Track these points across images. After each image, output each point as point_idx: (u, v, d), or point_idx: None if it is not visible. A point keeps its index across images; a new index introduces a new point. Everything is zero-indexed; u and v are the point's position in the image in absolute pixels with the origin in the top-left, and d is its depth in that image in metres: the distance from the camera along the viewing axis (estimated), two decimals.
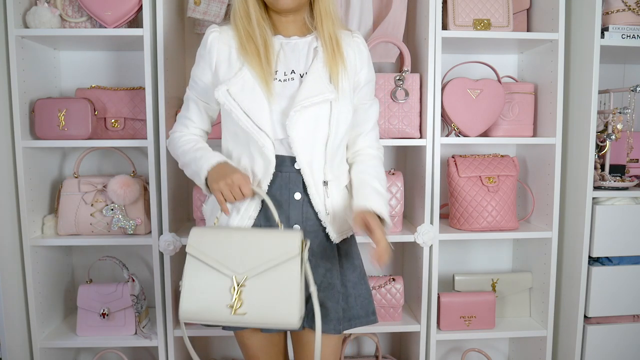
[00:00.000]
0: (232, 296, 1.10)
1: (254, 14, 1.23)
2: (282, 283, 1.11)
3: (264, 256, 1.12)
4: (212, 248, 1.14)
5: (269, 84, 1.20)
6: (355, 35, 1.32)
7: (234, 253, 1.13)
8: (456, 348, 2.21)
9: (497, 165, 1.90)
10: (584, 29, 1.79)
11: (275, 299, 1.10)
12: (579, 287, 1.84)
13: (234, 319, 1.10)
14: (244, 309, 1.10)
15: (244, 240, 1.14)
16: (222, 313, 1.10)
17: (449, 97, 1.82)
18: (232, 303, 1.10)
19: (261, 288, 1.11)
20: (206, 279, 1.13)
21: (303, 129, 1.20)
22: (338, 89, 1.23)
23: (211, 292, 1.11)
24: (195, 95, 1.32)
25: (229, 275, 1.12)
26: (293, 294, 1.11)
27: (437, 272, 1.85)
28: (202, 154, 1.25)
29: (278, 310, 1.10)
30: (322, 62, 1.23)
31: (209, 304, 1.11)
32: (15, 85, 1.70)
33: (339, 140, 1.25)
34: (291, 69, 1.24)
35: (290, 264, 1.12)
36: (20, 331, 1.78)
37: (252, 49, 1.21)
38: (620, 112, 1.83)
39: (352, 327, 1.29)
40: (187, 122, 1.33)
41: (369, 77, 1.32)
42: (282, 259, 1.12)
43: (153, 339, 1.82)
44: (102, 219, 1.82)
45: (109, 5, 1.70)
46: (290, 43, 1.27)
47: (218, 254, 1.13)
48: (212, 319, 1.12)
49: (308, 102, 1.19)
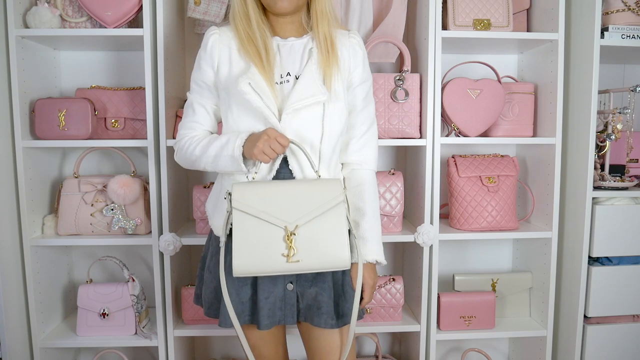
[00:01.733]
0: (286, 245, 1.14)
1: (254, 16, 1.24)
2: (331, 227, 1.16)
3: (312, 204, 1.16)
4: (258, 201, 1.16)
5: (272, 86, 1.21)
6: (351, 35, 1.31)
7: (281, 203, 1.16)
8: (456, 348, 2.21)
9: (497, 165, 1.90)
10: (584, 29, 1.79)
11: (327, 243, 1.16)
12: (578, 287, 1.84)
13: (289, 266, 1.14)
14: (298, 256, 1.14)
15: (288, 191, 1.18)
16: (277, 262, 1.14)
17: (449, 97, 1.82)
18: (286, 252, 1.14)
19: (313, 235, 1.15)
20: (258, 232, 1.15)
21: (296, 130, 1.21)
22: (331, 90, 1.23)
23: (265, 244, 1.14)
24: (200, 99, 1.31)
25: (281, 226, 1.15)
26: (342, 236, 1.17)
27: (437, 272, 1.85)
28: (224, 140, 1.23)
29: (331, 253, 1.16)
30: (316, 63, 1.24)
31: (263, 256, 1.14)
32: (16, 85, 1.70)
33: (334, 140, 1.26)
34: (287, 71, 1.25)
35: (337, 209, 1.18)
36: (20, 331, 1.78)
37: (254, 51, 1.22)
38: (620, 112, 1.83)
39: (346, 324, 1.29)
40: (195, 125, 1.32)
41: (364, 78, 1.32)
42: (330, 204, 1.17)
43: (153, 339, 1.82)
44: (102, 219, 1.82)
45: (109, 5, 1.70)
46: (287, 45, 1.27)
47: (266, 205, 1.16)
48: (267, 269, 1.15)
49: (300, 105, 1.20)
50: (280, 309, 1.26)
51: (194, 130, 1.32)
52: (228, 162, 1.22)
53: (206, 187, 1.83)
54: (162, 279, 1.79)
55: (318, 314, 1.26)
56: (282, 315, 1.26)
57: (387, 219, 1.84)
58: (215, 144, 1.24)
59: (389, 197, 1.82)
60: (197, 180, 2.05)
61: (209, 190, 1.82)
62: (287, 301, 1.26)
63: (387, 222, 1.84)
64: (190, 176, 2.06)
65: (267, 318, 1.24)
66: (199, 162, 1.29)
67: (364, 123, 1.33)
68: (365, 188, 1.31)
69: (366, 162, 1.33)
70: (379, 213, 1.34)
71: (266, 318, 1.24)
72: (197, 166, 1.30)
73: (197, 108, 1.32)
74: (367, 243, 1.28)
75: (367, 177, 1.33)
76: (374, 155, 1.35)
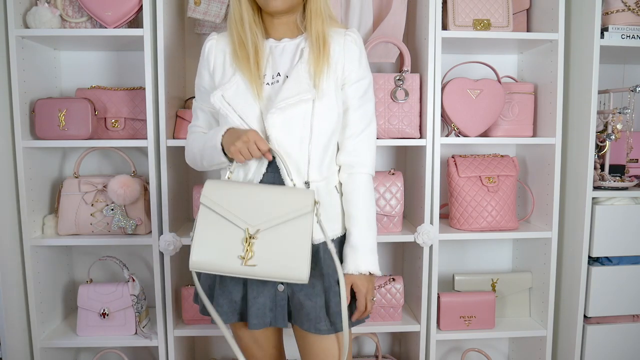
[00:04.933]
0: (243, 247, 1.13)
1: (247, 17, 1.24)
2: (293, 238, 1.14)
3: (277, 210, 1.15)
4: (225, 200, 1.16)
5: (258, 88, 1.22)
6: (348, 32, 1.28)
7: (247, 206, 1.15)
8: (456, 348, 2.21)
9: (497, 165, 1.90)
10: (584, 29, 1.79)
11: (286, 252, 1.13)
12: (578, 287, 1.84)
13: (244, 270, 1.12)
14: (255, 260, 1.12)
15: (258, 194, 1.17)
16: (233, 264, 1.12)
17: (449, 97, 1.82)
18: (243, 254, 1.12)
19: (273, 241, 1.13)
20: (218, 230, 1.15)
21: (281, 130, 1.21)
22: (319, 88, 1.22)
23: (223, 243, 1.14)
24: (202, 104, 1.35)
25: (242, 227, 1.14)
26: (304, 249, 1.14)
27: (437, 272, 1.85)
28: (213, 132, 1.26)
29: (288, 264, 1.13)
30: (306, 62, 1.24)
31: (219, 254, 1.13)
32: (16, 85, 1.70)
33: (325, 140, 1.24)
34: (277, 71, 1.26)
35: (302, 220, 1.15)
36: (20, 331, 1.78)
37: (244, 55, 1.24)
38: (620, 112, 1.83)
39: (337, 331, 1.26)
40: (197, 129, 1.36)
41: (360, 76, 1.28)
42: (296, 214, 1.15)
43: (153, 339, 1.82)
44: (102, 219, 1.82)
45: (109, 6, 1.70)
46: (279, 46, 1.28)
47: (231, 205, 1.15)
48: (222, 269, 1.14)
49: (284, 104, 1.19)
50: (271, 310, 1.25)
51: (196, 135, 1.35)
52: (213, 153, 1.24)
53: None
54: (162, 279, 1.79)
55: (307, 319, 1.23)
56: (272, 317, 1.25)
57: (387, 219, 1.84)
58: (204, 137, 1.28)
59: (389, 197, 1.82)
60: (197, 180, 2.05)
61: None
62: (278, 302, 1.25)
63: (387, 222, 1.84)
64: (190, 176, 2.06)
65: (255, 318, 1.23)
66: (201, 160, 1.31)
67: (360, 122, 1.28)
68: (358, 195, 1.27)
69: (361, 163, 1.28)
70: (374, 220, 1.29)
71: (255, 318, 1.23)
72: (200, 163, 1.32)
73: (199, 113, 1.36)
74: (358, 253, 1.25)
75: (361, 183, 1.28)
76: (371, 156, 1.30)
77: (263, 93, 1.23)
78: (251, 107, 1.22)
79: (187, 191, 2.02)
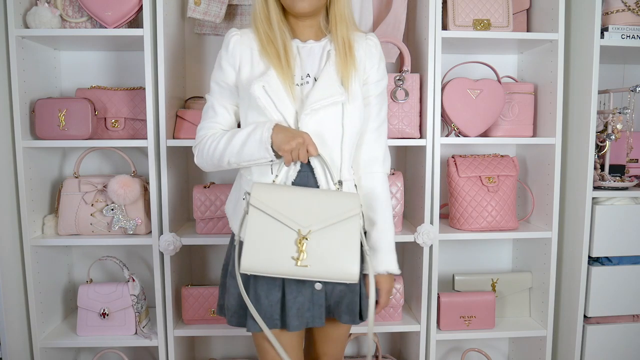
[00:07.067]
0: (296, 248, 1.14)
1: (275, 17, 1.26)
2: (343, 239, 1.17)
3: (327, 212, 1.17)
4: (275, 202, 1.17)
5: (292, 87, 1.23)
6: (369, 37, 1.34)
7: (296, 208, 1.17)
8: (456, 348, 2.21)
9: (497, 165, 1.90)
10: (584, 29, 1.79)
11: (337, 253, 1.16)
12: (578, 287, 1.84)
13: (297, 271, 1.14)
14: (307, 261, 1.14)
15: (305, 197, 1.19)
16: (286, 264, 1.14)
17: (449, 97, 1.82)
18: (296, 255, 1.14)
19: (323, 243, 1.16)
20: (270, 232, 1.16)
21: (315, 131, 1.22)
22: (349, 91, 1.25)
23: (275, 244, 1.15)
24: (221, 99, 1.32)
25: (294, 228, 1.16)
26: (354, 249, 1.16)
27: (437, 272, 1.85)
28: (252, 128, 1.22)
29: (340, 264, 1.15)
30: (334, 65, 1.26)
31: (272, 256, 1.15)
32: (16, 85, 1.70)
33: (355, 140, 1.29)
34: (307, 72, 1.27)
35: (351, 222, 1.18)
36: (20, 331, 1.78)
37: (273, 52, 1.24)
38: (620, 112, 1.84)
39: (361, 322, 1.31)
40: (216, 126, 1.32)
41: (379, 77, 1.33)
42: (345, 216, 1.18)
43: (153, 339, 1.82)
44: (103, 219, 1.82)
45: (109, 6, 1.70)
46: (306, 47, 1.29)
47: (282, 207, 1.17)
48: (275, 270, 1.15)
49: (318, 105, 1.22)
50: (309, 310, 1.25)
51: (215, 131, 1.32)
52: (255, 146, 1.21)
53: (206, 187, 1.83)
54: (162, 279, 1.79)
55: (346, 311, 1.27)
56: (310, 317, 1.25)
57: None
58: (241, 132, 1.24)
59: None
60: (197, 180, 2.05)
61: (209, 190, 1.82)
62: (315, 302, 1.25)
63: None
64: (190, 176, 2.06)
65: (296, 319, 1.23)
66: (223, 156, 1.26)
67: (375, 120, 1.34)
68: (375, 196, 1.32)
69: (375, 160, 1.33)
70: (391, 220, 1.33)
71: (295, 319, 1.23)
72: (222, 162, 1.27)
73: (218, 109, 1.32)
74: (378, 254, 1.30)
75: (377, 182, 1.33)
76: (384, 153, 1.35)
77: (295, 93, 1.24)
78: (287, 105, 1.23)
79: (187, 191, 2.02)
